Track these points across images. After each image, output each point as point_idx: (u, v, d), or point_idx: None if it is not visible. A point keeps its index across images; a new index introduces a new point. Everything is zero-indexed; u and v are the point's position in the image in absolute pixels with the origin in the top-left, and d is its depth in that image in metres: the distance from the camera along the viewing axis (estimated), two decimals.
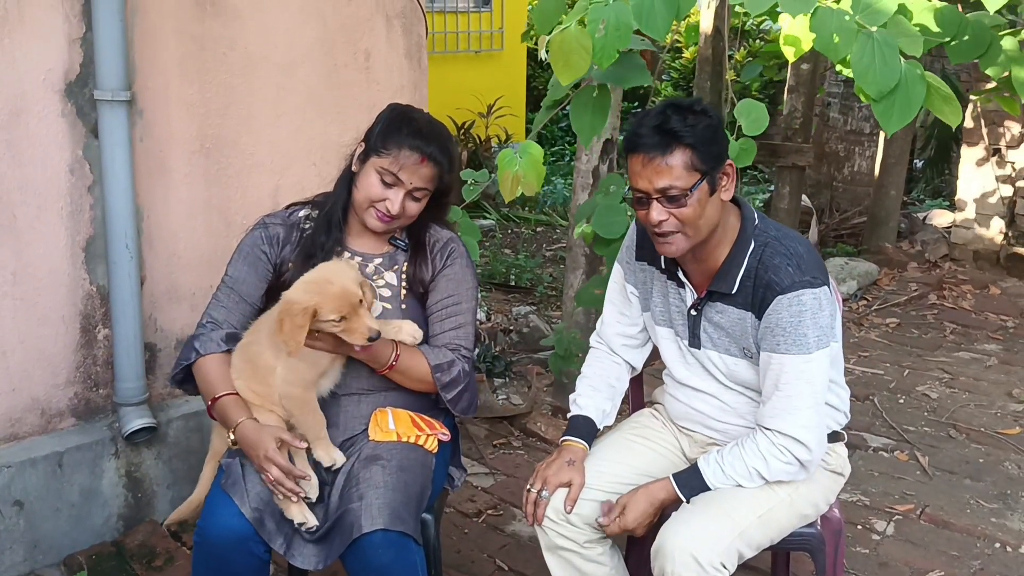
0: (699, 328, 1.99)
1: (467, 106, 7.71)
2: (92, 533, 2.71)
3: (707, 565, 1.78)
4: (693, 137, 1.79)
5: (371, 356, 1.98)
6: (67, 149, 2.57)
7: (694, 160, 1.80)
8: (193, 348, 2.04)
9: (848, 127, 7.07)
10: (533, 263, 5.90)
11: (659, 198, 1.82)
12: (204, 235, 2.89)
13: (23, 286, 2.54)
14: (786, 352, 1.84)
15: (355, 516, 1.84)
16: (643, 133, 1.81)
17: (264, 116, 2.96)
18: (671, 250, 1.89)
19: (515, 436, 3.62)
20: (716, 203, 1.86)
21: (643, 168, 1.82)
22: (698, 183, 1.81)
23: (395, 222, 2.06)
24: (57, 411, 2.66)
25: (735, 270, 1.90)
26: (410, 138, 2.01)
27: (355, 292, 1.87)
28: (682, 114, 1.80)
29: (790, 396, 1.85)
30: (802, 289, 1.83)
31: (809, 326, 1.83)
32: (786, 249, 1.88)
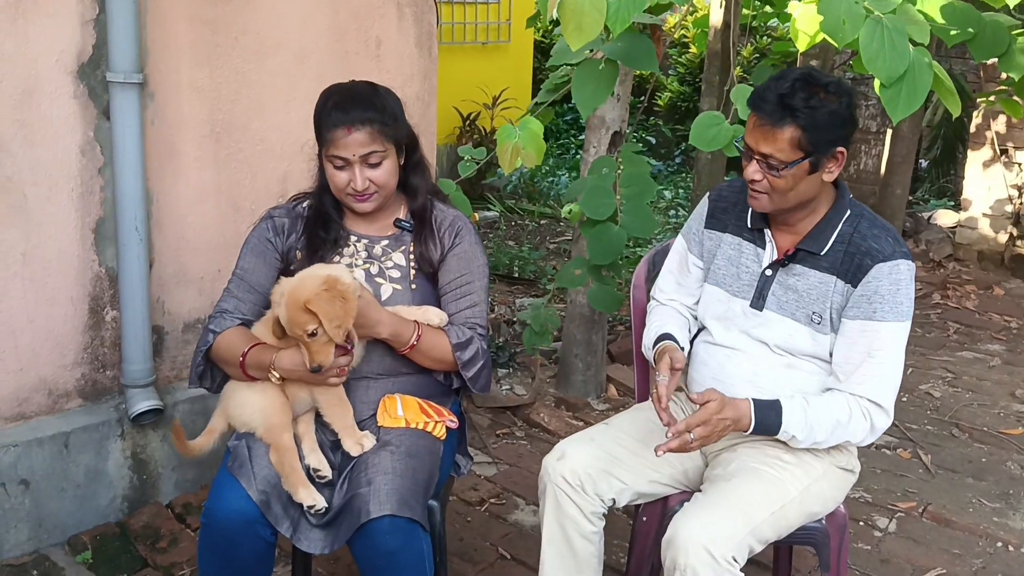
0: (768, 289, 2.02)
1: (473, 97, 7.69)
2: (97, 514, 2.72)
3: (720, 558, 1.79)
4: (808, 119, 1.82)
5: (394, 334, 1.99)
6: (78, 130, 2.57)
7: (802, 140, 1.83)
8: (209, 331, 2.04)
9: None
10: (537, 255, 5.90)
11: (760, 159, 1.88)
12: (213, 219, 2.89)
13: (33, 266, 2.55)
14: (883, 319, 1.88)
15: (363, 501, 1.85)
16: (766, 97, 1.85)
17: (275, 102, 2.96)
18: (755, 204, 1.96)
19: (518, 426, 3.63)
20: (815, 181, 1.91)
21: (754, 128, 1.88)
22: (799, 160, 1.85)
23: (373, 197, 2.06)
24: (64, 391, 2.67)
25: (829, 231, 1.95)
26: (330, 115, 2.01)
27: (301, 324, 1.85)
28: (809, 91, 1.83)
29: (883, 363, 1.91)
30: (900, 259, 1.89)
31: (905, 295, 1.89)
32: (881, 223, 1.96)
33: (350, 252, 2.12)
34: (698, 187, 4.72)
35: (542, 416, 3.65)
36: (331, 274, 1.91)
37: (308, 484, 1.92)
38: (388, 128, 2.03)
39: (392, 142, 2.05)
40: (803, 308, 1.98)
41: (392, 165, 2.06)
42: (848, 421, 1.93)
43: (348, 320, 1.87)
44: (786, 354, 2.02)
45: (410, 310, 2.07)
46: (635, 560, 2.17)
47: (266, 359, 1.95)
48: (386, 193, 2.08)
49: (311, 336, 1.86)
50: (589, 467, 2.03)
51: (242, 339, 2.00)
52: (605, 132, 3.52)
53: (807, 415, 1.92)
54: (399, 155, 2.08)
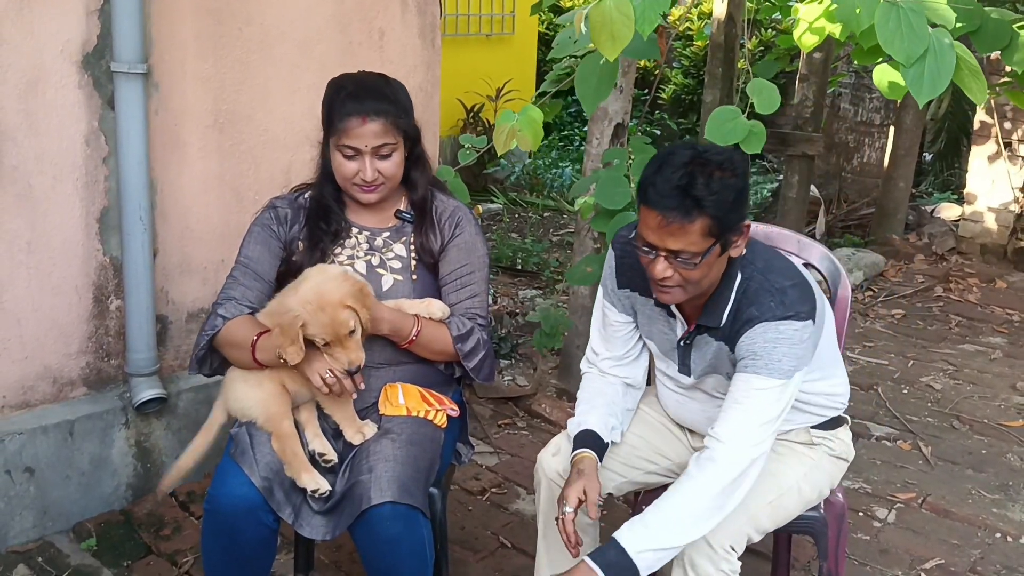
0: (688, 358, 1.96)
1: (477, 89, 7.69)
2: (101, 501, 2.74)
3: (718, 547, 1.80)
4: (716, 206, 1.69)
5: (394, 330, 2.00)
6: (83, 120, 2.58)
7: (712, 227, 1.71)
8: (219, 316, 2.04)
9: (858, 118, 7.06)
10: (540, 247, 5.90)
11: (668, 256, 1.75)
12: (217, 209, 2.90)
13: (38, 255, 2.56)
14: (755, 372, 1.78)
15: (364, 488, 1.87)
16: (664, 192, 1.70)
17: (279, 92, 2.97)
18: (667, 299, 1.84)
19: (520, 417, 3.65)
20: (723, 260, 1.81)
21: (658, 227, 1.72)
22: (711, 247, 1.73)
23: (380, 188, 2.07)
24: (69, 380, 2.69)
25: (723, 304, 1.84)
26: (345, 105, 2.01)
27: (344, 323, 1.88)
28: (707, 175, 1.70)
29: (746, 409, 1.79)
30: (782, 320, 1.78)
31: (784, 353, 1.77)
32: (771, 285, 1.81)
33: (351, 244, 2.13)
34: None
35: (544, 407, 3.67)
36: (342, 270, 1.95)
37: (311, 469, 1.94)
38: (401, 120, 2.04)
39: (402, 134, 2.06)
40: (721, 368, 1.92)
41: (400, 157, 2.07)
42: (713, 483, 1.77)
43: (371, 307, 1.93)
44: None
45: (412, 303, 2.09)
46: None
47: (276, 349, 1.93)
48: (392, 185, 2.09)
49: (351, 334, 1.88)
50: None
51: (253, 325, 2.00)
52: (608, 124, 3.52)
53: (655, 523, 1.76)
54: (406, 148, 2.09)
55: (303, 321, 1.88)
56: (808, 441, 2.04)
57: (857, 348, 4.49)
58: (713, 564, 1.80)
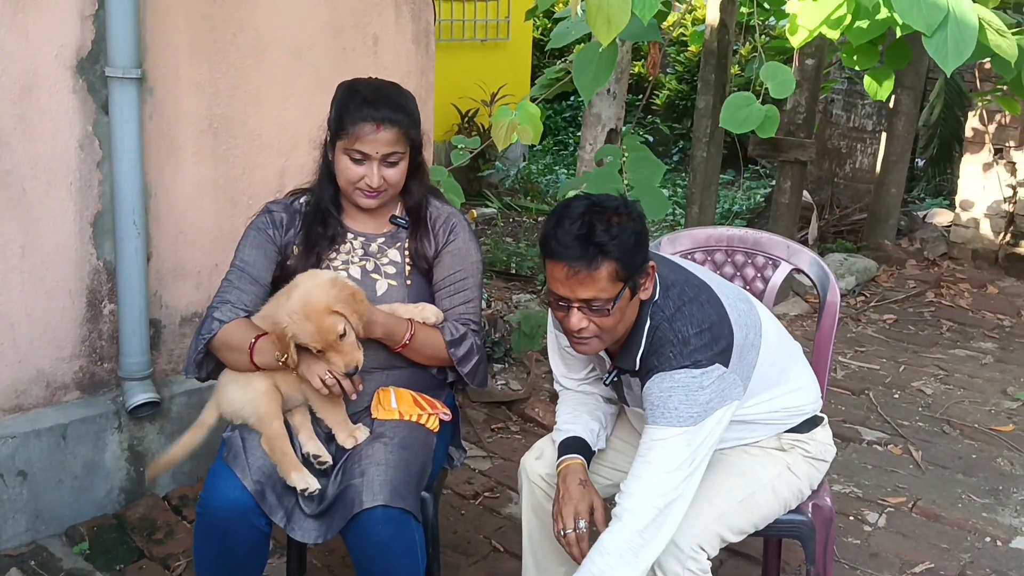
0: (622, 391, 1.99)
1: (471, 94, 7.71)
2: (94, 505, 2.75)
3: (685, 547, 1.81)
4: (618, 250, 1.72)
5: (387, 334, 2.02)
6: (77, 125, 2.59)
7: (619, 271, 1.73)
8: (215, 320, 2.04)
9: (851, 124, 7.09)
10: (534, 252, 5.92)
11: (581, 307, 1.76)
12: (210, 214, 2.91)
13: (31, 259, 2.57)
14: (655, 423, 1.79)
15: (356, 492, 1.88)
16: (566, 243, 1.72)
17: (272, 98, 2.98)
18: (585, 350, 1.86)
19: (513, 421, 3.66)
20: (635, 304, 1.82)
21: (567, 279, 1.74)
22: (621, 292, 1.75)
23: (383, 195, 2.08)
24: (62, 384, 2.69)
25: (635, 349, 1.85)
26: (360, 110, 2.02)
27: (331, 329, 1.89)
28: (605, 221, 1.72)
29: (649, 462, 1.79)
30: (679, 369, 1.78)
31: (680, 401, 1.77)
32: (675, 334, 1.82)
33: (346, 249, 2.14)
34: (693, 184, 4.75)
35: (537, 411, 3.68)
36: (332, 276, 1.96)
37: (301, 467, 1.95)
38: (412, 131, 2.07)
39: (411, 145, 2.08)
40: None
41: (405, 166, 2.09)
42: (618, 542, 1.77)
43: (364, 312, 1.93)
44: None
45: (406, 307, 2.10)
46: None
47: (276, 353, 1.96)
48: (393, 193, 2.12)
49: (342, 338, 1.89)
50: None
51: (249, 329, 2.02)
52: (601, 129, 3.55)
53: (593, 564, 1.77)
54: (410, 157, 2.11)
55: (291, 332, 1.90)
56: (779, 446, 2.05)
57: (849, 353, 4.51)
58: (680, 563, 1.81)
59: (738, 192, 7.95)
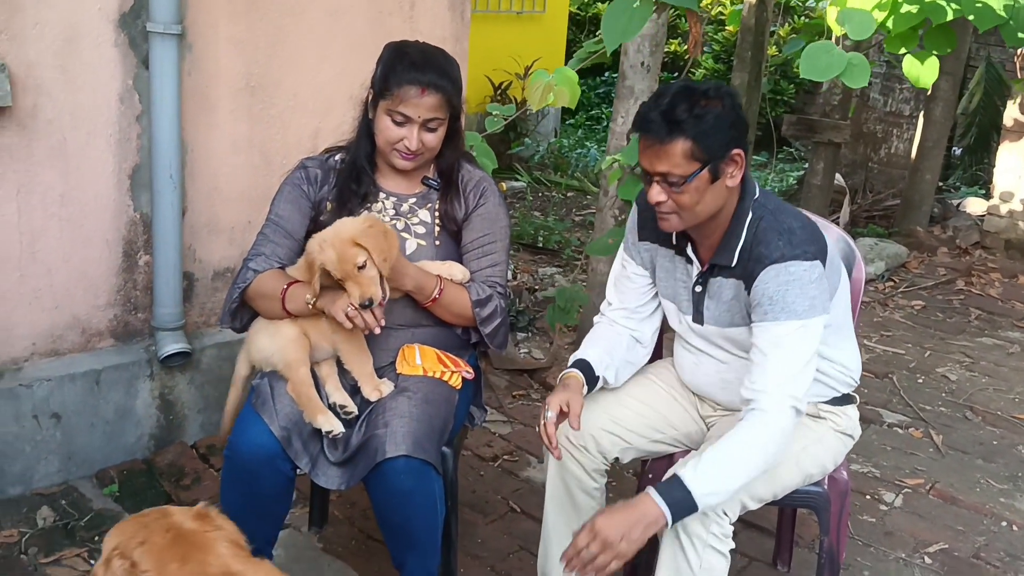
0: (702, 304, 2.01)
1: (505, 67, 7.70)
2: (124, 450, 2.82)
3: (709, 511, 1.84)
4: (695, 128, 1.79)
5: (417, 287, 2.05)
6: (118, 78, 2.64)
7: (694, 150, 1.80)
8: (250, 269, 2.10)
9: (888, 108, 7.01)
10: (562, 226, 5.93)
11: (659, 180, 1.85)
12: (245, 172, 2.95)
13: (70, 208, 2.63)
14: (775, 319, 1.83)
15: (380, 441, 1.92)
16: (649, 117, 1.82)
17: (309, 58, 3.01)
18: (667, 226, 1.93)
19: (534, 389, 3.70)
20: (719, 190, 1.86)
21: (646, 150, 1.84)
22: (696, 172, 1.81)
23: (419, 158, 2.12)
24: (97, 331, 2.76)
25: (734, 242, 1.91)
26: (406, 73, 2.05)
27: (351, 257, 1.92)
28: (691, 101, 1.79)
29: (780, 359, 1.83)
30: (791, 261, 1.83)
31: (797, 295, 1.82)
32: (779, 224, 1.88)
33: (378, 208, 2.18)
34: None
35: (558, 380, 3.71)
36: (370, 215, 2.00)
37: (326, 411, 2.00)
38: (455, 98, 2.10)
39: (452, 112, 2.11)
40: (733, 315, 1.97)
41: (444, 132, 2.13)
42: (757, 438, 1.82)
43: (392, 253, 1.96)
44: (743, 352, 2.01)
45: (435, 264, 2.14)
46: None
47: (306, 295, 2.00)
48: (429, 156, 2.15)
49: (361, 269, 1.92)
50: (592, 427, 2.08)
51: (282, 277, 2.07)
52: (634, 103, 3.54)
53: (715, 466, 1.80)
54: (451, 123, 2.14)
55: (318, 259, 1.94)
56: (815, 414, 2.07)
57: (875, 337, 4.50)
58: (704, 527, 1.84)
59: (771, 174, 7.89)
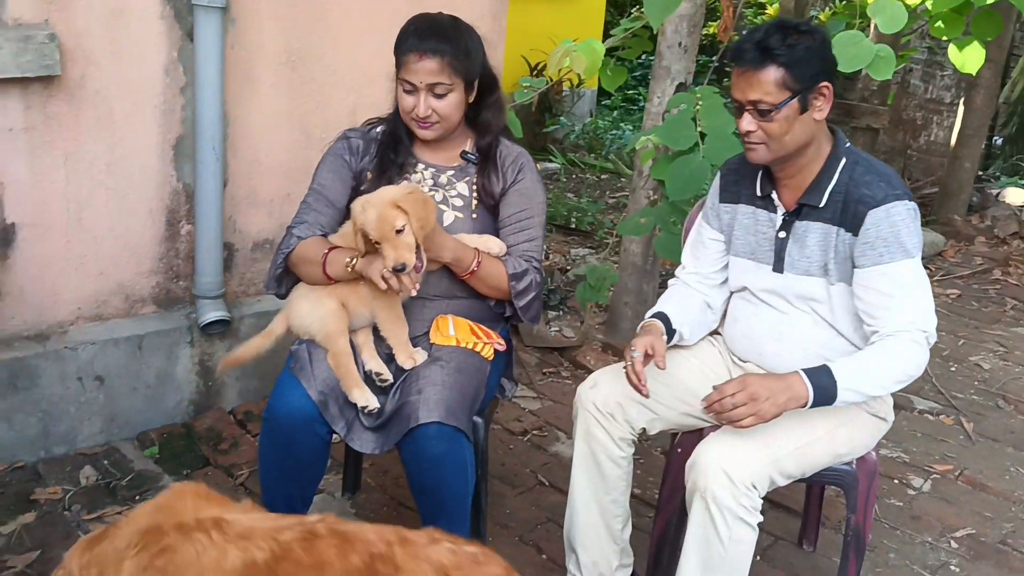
0: (784, 251, 2.06)
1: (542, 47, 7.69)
2: (164, 414, 2.90)
3: (739, 483, 1.87)
4: (788, 56, 1.88)
5: (456, 259, 2.09)
6: (163, 50, 2.69)
7: (786, 78, 1.89)
8: (294, 236, 2.15)
9: (928, 95, 6.92)
10: (595, 208, 5.94)
11: (750, 109, 1.93)
12: (284, 145, 3.01)
13: (116, 177, 2.70)
14: (892, 260, 1.92)
15: (413, 408, 1.97)
16: (744, 47, 1.92)
17: (349, 34, 3.05)
18: (753, 156, 2.01)
19: (564, 367, 3.73)
20: (807, 122, 1.94)
21: (738, 79, 1.94)
22: (787, 100, 1.90)
23: (435, 126, 2.14)
24: (140, 297, 2.84)
25: (825, 183, 1.99)
26: (408, 41, 2.11)
27: (389, 220, 1.95)
28: (784, 33, 1.89)
29: (908, 296, 1.92)
30: (894, 201, 1.93)
31: (907, 234, 1.92)
32: (875, 168, 1.99)
33: (417, 179, 2.22)
34: None
35: (588, 359, 3.75)
36: (412, 184, 2.05)
37: (362, 385, 2.05)
38: (458, 63, 2.10)
39: (461, 77, 2.12)
40: (815, 262, 2.03)
41: (457, 99, 2.14)
42: (899, 356, 1.93)
43: (430, 222, 1.99)
44: (809, 309, 2.07)
45: (472, 237, 2.17)
46: (668, 489, 2.26)
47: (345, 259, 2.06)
48: (447, 125, 2.16)
49: (398, 233, 1.95)
50: (620, 396, 2.12)
51: (323, 243, 2.13)
52: (670, 83, 3.54)
53: (860, 367, 1.93)
54: (467, 91, 2.15)
55: (360, 220, 1.99)
56: None
57: None
58: (735, 499, 1.86)
59: None
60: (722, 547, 1.88)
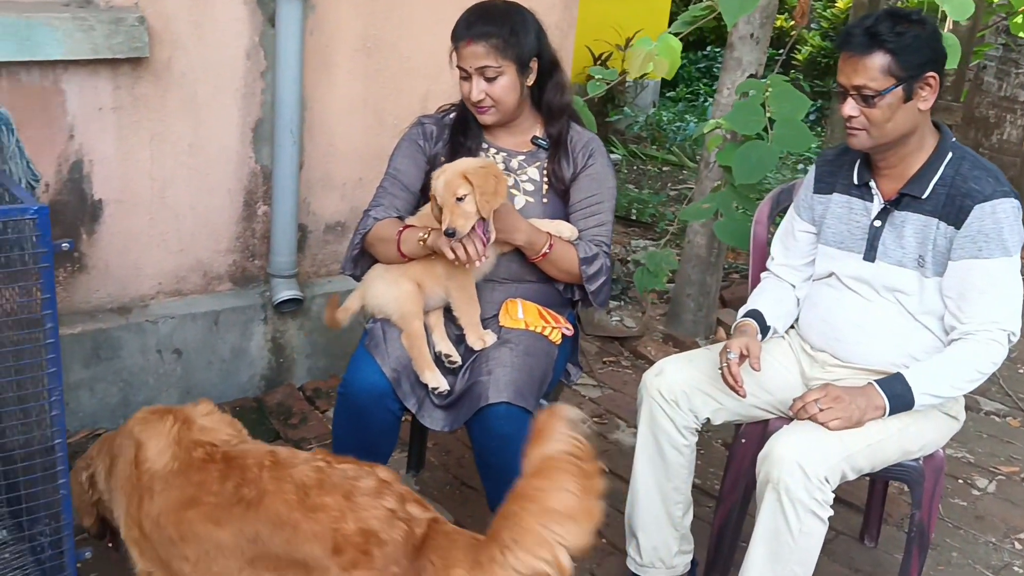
0: (878, 240, 2.07)
1: (606, 37, 7.68)
2: (237, 388, 3.00)
3: (812, 476, 1.88)
4: (896, 43, 1.89)
5: (529, 242, 2.13)
6: (246, 35, 2.77)
7: (892, 65, 1.90)
8: (370, 217, 2.23)
9: (1002, 93, 6.74)
10: (656, 199, 5.93)
11: (854, 94, 1.95)
12: (358, 130, 3.07)
13: (197, 158, 2.79)
14: (989, 256, 1.93)
15: (483, 388, 2.02)
16: (852, 32, 1.94)
17: (424, 22, 3.10)
18: (854, 142, 2.02)
19: (624, 356, 3.75)
20: (910, 111, 1.94)
21: (845, 64, 1.96)
22: (891, 88, 1.91)
23: (491, 110, 2.18)
24: (217, 274, 2.93)
25: (930, 175, 2.00)
26: (459, 28, 2.16)
27: (454, 187, 2.00)
28: (894, 21, 1.90)
29: (999, 295, 1.94)
30: (1001, 198, 1.94)
31: (1009, 232, 1.94)
32: (982, 164, 2.01)
33: None
34: (831, 140, 4.67)
35: (649, 349, 3.76)
36: (488, 159, 2.11)
37: (434, 367, 2.11)
38: (506, 45, 2.13)
39: (511, 60, 2.14)
40: (910, 253, 2.03)
41: (509, 82, 2.16)
42: (976, 356, 1.96)
43: (495, 198, 2.01)
44: (894, 300, 2.08)
45: (544, 222, 2.21)
46: (730, 479, 2.28)
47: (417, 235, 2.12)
48: (504, 109, 2.20)
49: (459, 200, 1.99)
50: (685, 385, 2.15)
51: (398, 224, 2.20)
52: (741, 74, 3.52)
53: (935, 372, 1.97)
54: (521, 74, 2.18)
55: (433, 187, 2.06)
56: None
57: None
58: (807, 492, 1.87)
59: None
60: (791, 539, 1.90)
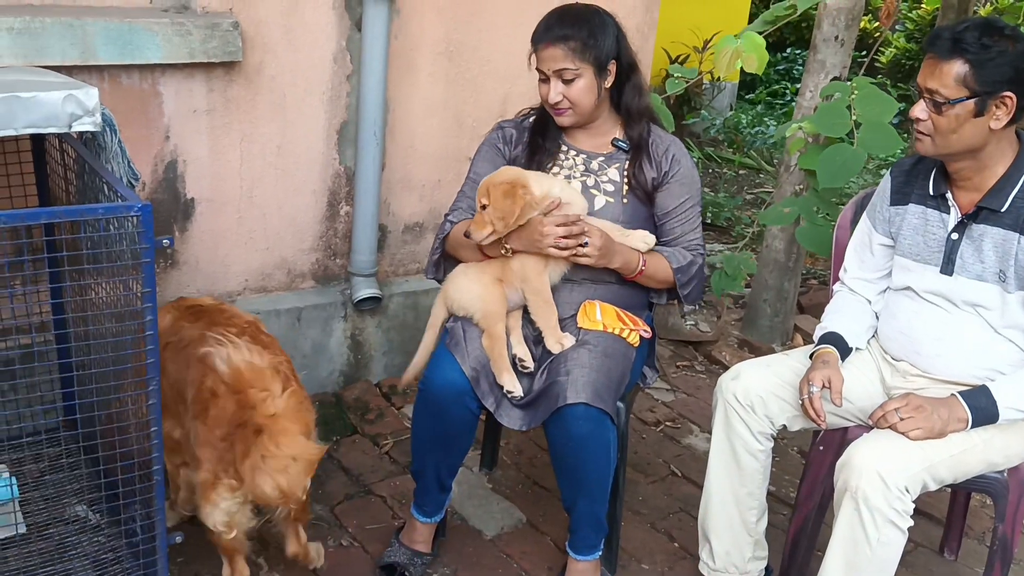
0: (956, 253, 2.03)
1: (683, 39, 7.63)
2: (317, 383, 3.08)
3: (892, 485, 1.85)
4: (977, 55, 1.84)
5: (624, 263, 2.17)
6: (333, 39, 2.85)
7: (968, 77, 1.86)
8: (448, 221, 2.29)
9: None
10: (732, 203, 5.87)
11: (926, 97, 1.92)
12: (438, 133, 3.13)
13: (285, 159, 2.88)
14: None
15: (561, 388, 2.04)
16: (941, 35, 1.89)
17: (504, 26, 3.14)
18: (919, 147, 1.99)
19: (698, 361, 3.73)
20: (979, 127, 1.90)
21: (925, 65, 1.92)
22: (963, 99, 1.87)
23: (569, 112, 2.21)
24: (300, 272, 3.02)
25: (1009, 188, 1.95)
26: (538, 33, 2.19)
27: (480, 194, 2.13)
28: (983, 32, 1.85)
29: None
30: None
31: None
32: None
33: (569, 164, 2.29)
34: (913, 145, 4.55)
35: (724, 354, 3.74)
36: (522, 178, 2.14)
37: (511, 371, 2.14)
38: (583, 48, 2.15)
39: (589, 62, 2.16)
40: (990, 267, 1.98)
41: (587, 84, 2.18)
42: None
43: (508, 218, 2.09)
44: (974, 312, 2.03)
45: (619, 233, 2.21)
46: (807, 486, 2.26)
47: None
48: (581, 111, 2.22)
49: (483, 208, 2.12)
50: (761, 390, 2.14)
51: None
52: (824, 77, 3.48)
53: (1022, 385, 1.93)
54: (599, 76, 2.19)
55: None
56: None
57: None
58: (887, 502, 1.85)
59: None
60: (869, 549, 1.88)
